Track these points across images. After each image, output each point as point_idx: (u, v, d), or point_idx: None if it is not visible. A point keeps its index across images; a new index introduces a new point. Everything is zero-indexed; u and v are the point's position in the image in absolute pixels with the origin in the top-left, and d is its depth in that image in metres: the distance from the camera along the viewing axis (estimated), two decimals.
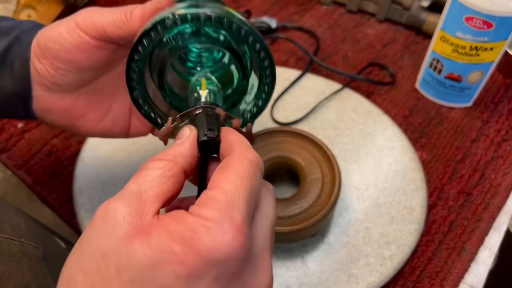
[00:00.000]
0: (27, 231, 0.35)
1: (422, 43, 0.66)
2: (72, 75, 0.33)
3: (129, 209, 0.22)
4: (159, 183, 0.23)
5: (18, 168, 0.52)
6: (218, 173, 0.23)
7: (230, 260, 0.21)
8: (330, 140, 0.53)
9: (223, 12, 0.28)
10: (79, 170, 0.50)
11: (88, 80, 0.35)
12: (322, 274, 0.43)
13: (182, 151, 0.25)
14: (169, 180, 0.24)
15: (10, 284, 0.30)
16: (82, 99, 0.35)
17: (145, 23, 0.31)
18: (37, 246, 0.35)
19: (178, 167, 0.24)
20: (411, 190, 0.49)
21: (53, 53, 0.32)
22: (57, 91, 0.34)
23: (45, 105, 0.35)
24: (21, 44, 0.33)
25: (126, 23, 0.31)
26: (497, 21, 0.48)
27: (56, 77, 0.33)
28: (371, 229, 0.46)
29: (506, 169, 0.52)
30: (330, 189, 0.43)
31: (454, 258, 0.45)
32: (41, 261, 0.35)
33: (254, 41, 0.29)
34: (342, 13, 0.70)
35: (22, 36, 0.34)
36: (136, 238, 0.21)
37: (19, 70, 0.33)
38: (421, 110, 0.58)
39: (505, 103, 0.59)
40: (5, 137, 0.54)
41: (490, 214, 0.48)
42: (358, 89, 0.59)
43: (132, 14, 0.31)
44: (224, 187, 0.22)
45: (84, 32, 0.32)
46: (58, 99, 0.34)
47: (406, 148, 0.52)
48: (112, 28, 0.31)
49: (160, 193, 0.23)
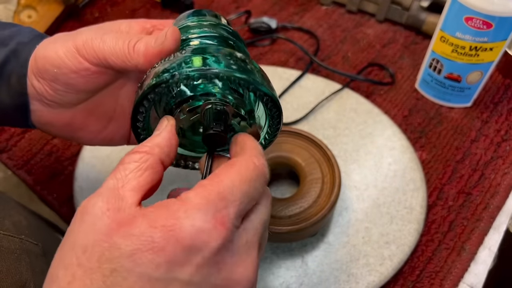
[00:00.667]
0: (28, 227, 0.35)
1: (421, 43, 0.66)
2: (71, 95, 0.32)
3: (107, 205, 0.22)
4: (136, 176, 0.23)
5: (18, 168, 0.52)
6: (221, 168, 0.24)
7: (210, 248, 0.21)
8: (330, 140, 0.53)
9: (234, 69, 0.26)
10: (79, 170, 0.50)
11: (88, 98, 0.34)
12: (322, 273, 0.43)
13: (159, 142, 0.25)
14: (146, 172, 0.24)
15: (8, 281, 0.30)
16: (82, 113, 0.34)
17: (148, 60, 0.29)
18: (37, 243, 0.35)
19: (155, 158, 0.25)
20: (411, 190, 0.49)
21: (51, 75, 0.31)
22: (56, 107, 0.33)
23: (43, 119, 0.34)
24: (18, 58, 0.32)
25: (128, 57, 0.29)
26: (496, 21, 0.48)
27: (54, 97, 0.32)
28: (371, 229, 0.46)
29: (506, 169, 0.52)
30: (330, 189, 0.43)
31: (453, 258, 0.45)
32: (41, 258, 0.35)
33: (266, 100, 0.28)
34: (342, 13, 0.71)
35: (20, 49, 0.32)
36: (117, 230, 0.21)
37: (16, 85, 0.32)
38: (420, 110, 0.58)
39: (505, 103, 0.59)
40: (6, 137, 0.54)
41: (490, 214, 0.48)
42: (358, 89, 0.60)
43: (135, 48, 0.29)
44: (221, 180, 0.23)
45: (84, 58, 0.30)
46: (57, 114, 0.34)
47: (406, 148, 0.52)
48: (113, 59, 0.30)
49: (137, 185, 0.23)
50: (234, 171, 0.23)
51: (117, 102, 0.36)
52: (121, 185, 0.23)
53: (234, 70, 0.26)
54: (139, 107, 0.27)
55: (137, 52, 0.29)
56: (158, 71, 0.27)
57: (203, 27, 0.32)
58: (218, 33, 0.32)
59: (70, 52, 0.30)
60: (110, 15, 0.70)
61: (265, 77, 0.28)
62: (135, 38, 0.30)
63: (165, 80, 0.26)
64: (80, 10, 0.70)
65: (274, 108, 0.28)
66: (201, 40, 0.31)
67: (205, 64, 0.26)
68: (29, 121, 0.34)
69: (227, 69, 0.26)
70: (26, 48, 0.32)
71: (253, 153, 0.25)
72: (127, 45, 0.29)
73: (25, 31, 0.34)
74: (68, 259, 0.21)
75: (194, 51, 0.27)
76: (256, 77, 0.27)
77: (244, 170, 0.24)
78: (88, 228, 0.22)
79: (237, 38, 0.34)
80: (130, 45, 0.29)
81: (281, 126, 0.30)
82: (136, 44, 0.29)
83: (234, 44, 0.32)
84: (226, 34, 0.33)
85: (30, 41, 0.33)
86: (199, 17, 0.34)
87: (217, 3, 0.72)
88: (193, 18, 0.34)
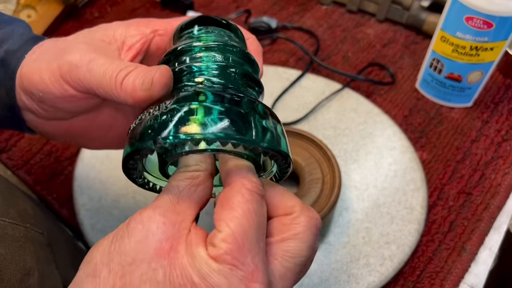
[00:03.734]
0: (33, 216, 0.35)
1: (422, 43, 0.66)
2: (62, 114, 0.31)
3: (163, 219, 0.22)
4: (190, 192, 0.24)
5: (18, 168, 0.52)
6: (222, 210, 0.23)
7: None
8: (330, 140, 0.53)
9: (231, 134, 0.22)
10: (79, 170, 0.50)
11: (82, 114, 0.32)
12: (322, 274, 0.43)
13: (201, 158, 0.25)
14: (199, 187, 0.24)
15: (12, 268, 0.30)
16: (79, 123, 0.33)
17: (137, 103, 0.26)
18: (42, 232, 0.35)
19: (204, 173, 0.25)
20: (411, 190, 0.49)
21: (38, 97, 0.29)
22: (51, 120, 0.32)
23: (40, 128, 0.33)
24: (6, 69, 0.30)
25: (116, 94, 0.27)
26: (497, 21, 0.48)
27: (46, 114, 0.31)
28: (371, 229, 0.46)
29: (506, 169, 0.52)
30: (330, 189, 0.43)
31: (454, 258, 0.45)
32: (45, 247, 0.35)
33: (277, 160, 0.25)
34: (342, 13, 0.70)
35: (8, 59, 0.30)
36: (166, 254, 0.22)
37: (5, 98, 0.30)
38: (421, 110, 0.58)
39: (505, 103, 0.59)
40: (5, 137, 0.54)
41: (490, 214, 0.48)
42: (358, 89, 0.59)
43: (122, 86, 0.26)
44: (231, 226, 0.22)
45: (69, 86, 0.28)
46: (53, 125, 0.32)
47: (406, 148, 0.52)
48: (101, 91, 0.27)
49: (192, 202, 0.24)
50: (237, 211, 0.22)
51: (117, 110, 0.34)
52: (177, 201, 0.23)
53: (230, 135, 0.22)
54: (127, 163, 0.26)
55: (124, 91, 0.26)
56: (143, 129, 0.23)
57: (211, 51, 0.27)
58: (229, 63, 0.27)
59: (55, 78, 0.28)
60: (110, 15, 0.70)
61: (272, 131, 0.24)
62: (124, 70, 0.27)
63: (147, 148, 0.23)
64: (79, 10, 0.70)
65: (280, 160, 0.25)
66: (206, 77, 0.27)
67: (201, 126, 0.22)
68: (24, 128, 0.33)
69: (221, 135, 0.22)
70: (15, 58, 0.30)
71: (241, 175, 0.24)
72: (115, 80, 0.27)
73: (17, 33, 0.32)
74: (115, 263, 0.22)
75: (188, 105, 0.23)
76: (258, 137, 0.23)
77: (245, 205, 0.23)
78: (141, 239, 0.22)
79: (249, 62, 0.29)
80: (118, 80, 0.27)
81: (290, 168, 0.27)
82: (124, 81, 0.26)
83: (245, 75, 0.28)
84: (237, 59, 0.28)
85: (19, 49, 0.30)
86: (208, 34, 0.29)
87: (217, 2, 0.72)
88: (200, 33, 0.29)
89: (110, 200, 0.48)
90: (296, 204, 0.26)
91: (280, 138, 0.25)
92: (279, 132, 0.25)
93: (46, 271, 0.33)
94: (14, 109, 0.31)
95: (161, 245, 0.22)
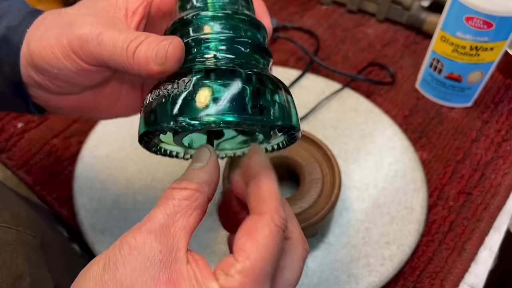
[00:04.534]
0: (26, 219, 0.35)
1: (422, 43, 0.66)
2: (75, 88, 0.31)
3: (160, 246, 0.22)
4: (187, 215, 0.23)
5: (18, 168, 0.52)
6: (247, 240, 0.23)
7: None
8: (330, 140, 0.53)
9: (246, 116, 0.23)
10: (79, 170, 0.50)
11: (94, 87, 0.33)
12: (322, 274, 0.43)
13: (206, 179, 0.25)
14: (195, 211, 0.24)
15: (3, 272, 0.30)
16: (88, 96, 0.33)
17: (150, 75, 0.27)
18: (35, 235, 0.35)
19: (204, 197, 0.24)
20: (411, 190, 0.49)
21: (52, 74, 0.29)
22: (61, 95, 0.32)
23: (50, 104, 0.33)
24: (9, 46, 0.30)
25: (129, 66, 0.27)
26: (497, 21, 0.48)
27: (58, 90, 0.31)
28: (371, 229, 0.46)
29: (506, 169, 0.52)
30: (330, 189, 0.43)
31: (454, 258, 0.45)
32: (38, 251, 0.34)
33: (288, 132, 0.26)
34: (342, 13, 0.70)
35: (9, 35, 0.30)
36: (164, 285, 0.21)
37: (10, 74, 0.30)
38: (421, 110, 0.58)
39: (505, 103, 0.59)
40: (5, 137, 0.54)
41: (490, 214, 0.48)
42: (358, 89, 0.59)
43: (135, 58, 0.27)
44: (251, 259, 0.22)
45: (82, 61, 0.28)
46: (63, 100, 0.32)
47: (406, 148, 0.52)
48: (113, 63, 0.27)
49: (187, 225, 0.23)
50: (261, 243, 0.23)
51: (125, 81, 0.34)
52: (172, 223, 0.23)
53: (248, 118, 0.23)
54: (143, 140, 0.26)
55: (137, 63, 0.27)
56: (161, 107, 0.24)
57: (219, 21, 0.27)
58: (238, 33, 0.27)
59: (67, 53, 0.28)
60: None
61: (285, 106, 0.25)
62: (135, 41, 0.27)
63: (168, 127, 0.24)
64: None
65: (291, 132, 0.27)
66: (215, 51, 0.26)
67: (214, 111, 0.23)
68: (30, 105, 0.33)
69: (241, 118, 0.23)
70: (17, 34, 0.30)
71: (274, 208, 0.24)
72: (126, 51, 0.27)
73: (15, 8, 0.31)
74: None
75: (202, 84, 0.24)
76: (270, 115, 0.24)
77: (270, 240, 0.23)
78: (137, 266, 0.21)
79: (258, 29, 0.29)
80: (129, 52, 0.27)
81: (299, 137, 0.28)
82: (136, 53, 0.26)
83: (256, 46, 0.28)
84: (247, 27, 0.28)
85: (20, 24, 0.30)
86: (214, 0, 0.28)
87: None
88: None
89: (110, 200, 0.48)
90: (295, 230, 0.27)
91: (291, 112, 0.26)
92: (290, 105, 0.26)
93: (38, 275, 0.33)
94: (20, 85, 0.31)
95: (159, 276, 0.21)
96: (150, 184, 0.49)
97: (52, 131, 0.55)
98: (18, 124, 0.56)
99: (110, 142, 0.52)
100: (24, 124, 0.56)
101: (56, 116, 0.56)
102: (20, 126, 0.56)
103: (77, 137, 0.54)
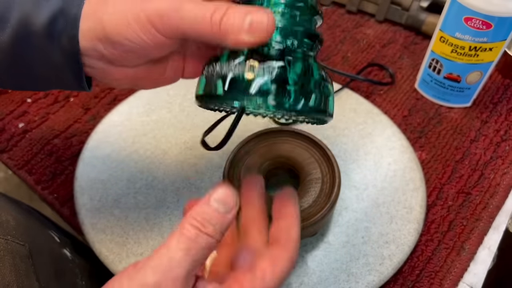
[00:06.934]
0: (15, 227, 0.35)
1: (421, 44, 0.66)
2: (139, 61, 0.32)
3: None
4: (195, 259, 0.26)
5: (19, 168, 0.52)
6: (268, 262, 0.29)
7: None
8: (330, 140, 0.53)
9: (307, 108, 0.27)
10: (80, 170, 0.50)
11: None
12: (322, 273, 0.43)
13: (223, 229, 0.27)
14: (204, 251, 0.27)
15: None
16: (145, 68, 0.33)
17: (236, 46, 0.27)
18: (24, 244, 0.35)
19: (216, 242, 0.27)
20: (411, 190, 0.49)
21: (127, 48, 0.29)
22: (121, 67, 0.32)
23: (104, 75, 0.33)
24: (66, 17, 0.29)
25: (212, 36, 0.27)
26: (496, 22, 0.48)
27: (123, 61, 0.31)
28: (371, 229, 0.46)
29: (505, 169, 0.52)
30: (329, 189, 0.43)
31: (453, 258, 0.45)
32: (26, 259, 0.34)
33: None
34: (341, 13, 0.71)
35: (66, 8, 0.29)
36: None
37: (68, 46, 0.30)
38: (420, 110, 0.58)
39: (504, 103, 0.59)
40: (6, 137, 0.55)
41: (489, 214, 0.48)
42: (357, 89, 0.60)
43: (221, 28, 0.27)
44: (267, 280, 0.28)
45: (160, 33, 0.28)
46: (120, 71, 0.32)
47: (406, 148, 0.52)
48: (194, 35, 0.28)
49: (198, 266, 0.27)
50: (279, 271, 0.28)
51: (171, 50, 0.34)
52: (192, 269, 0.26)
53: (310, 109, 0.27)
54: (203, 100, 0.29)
55: (225, 34, 0.27)
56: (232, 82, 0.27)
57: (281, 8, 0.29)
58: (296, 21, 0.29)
59: (146, 27, 0.28)
60: None
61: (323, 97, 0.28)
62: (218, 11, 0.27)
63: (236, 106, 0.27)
64: None
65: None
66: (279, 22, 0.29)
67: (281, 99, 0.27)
68: (82, 79, 0.32)
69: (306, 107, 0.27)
70: (74, 6, 0.29)
71: (294, 246, 0.30)
72: (210, 22, 0.27)
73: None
74: None
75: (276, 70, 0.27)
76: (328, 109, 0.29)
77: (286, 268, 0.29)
78: None
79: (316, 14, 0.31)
80: (214, 22, 0.27)
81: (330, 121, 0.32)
82: (223, 23, 0.26)
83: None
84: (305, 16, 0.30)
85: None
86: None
87: None
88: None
89: (111, 200, 0.48)
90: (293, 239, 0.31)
91: (328, 102, 0.29)
92: (332, 95, 0.29)
93: (26, 284, 0.33)
94: (76, 57, 0.30)
95: None
96: (150, 184, 0.49)
97: (53, 131, 0.55)
98: (19, 124, 0.56)
99: (111, 142, 0.53)
100: (25, 124, 0.56)
101: (57, 116, 0.57)
102: (21, 126, 0.56)
103: (78, 137, 0.55)
